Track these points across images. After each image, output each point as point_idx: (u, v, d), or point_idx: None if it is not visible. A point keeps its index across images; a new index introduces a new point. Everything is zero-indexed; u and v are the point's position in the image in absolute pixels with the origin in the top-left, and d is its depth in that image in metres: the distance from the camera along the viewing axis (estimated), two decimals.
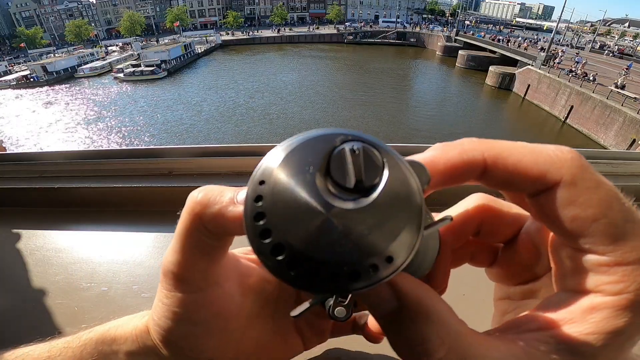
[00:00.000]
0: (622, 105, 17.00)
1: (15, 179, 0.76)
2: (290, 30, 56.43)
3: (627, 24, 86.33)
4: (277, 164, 0.18)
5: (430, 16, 72.92)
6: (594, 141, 17.98)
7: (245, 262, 0.30)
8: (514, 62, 28.16)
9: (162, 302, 0.25)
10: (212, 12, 68.46)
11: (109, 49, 47.17)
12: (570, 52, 33.77)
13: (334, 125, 20.26)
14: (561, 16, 30.87)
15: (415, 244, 0.18)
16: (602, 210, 0.18)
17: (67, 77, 33.93)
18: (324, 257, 0.17)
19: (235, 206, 0.21)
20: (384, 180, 0.18)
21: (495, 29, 57.25)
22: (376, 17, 69.92)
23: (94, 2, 65.19)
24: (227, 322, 0.27)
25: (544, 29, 70.79)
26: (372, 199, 0.18)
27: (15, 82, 31.90)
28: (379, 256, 0.17)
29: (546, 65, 24.32)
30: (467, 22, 57.94)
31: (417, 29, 51.27)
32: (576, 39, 50.87)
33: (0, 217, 0.74)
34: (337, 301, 0.22)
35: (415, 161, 0.20)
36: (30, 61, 40.09)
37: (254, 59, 39.66)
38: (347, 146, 0.18)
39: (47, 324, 0.52)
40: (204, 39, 48.37)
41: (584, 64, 25.20)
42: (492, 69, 27.61)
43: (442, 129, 20.17)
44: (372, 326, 0.35)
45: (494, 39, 36.19)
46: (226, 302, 0.27)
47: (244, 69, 35.05)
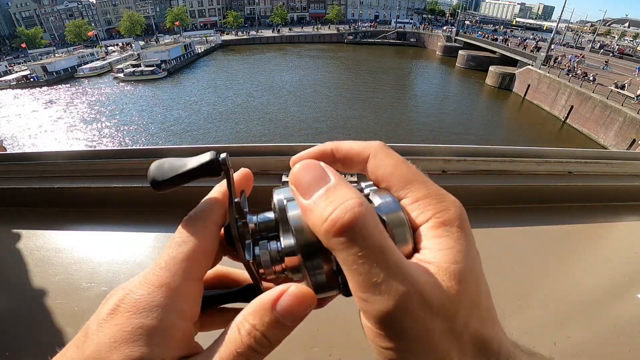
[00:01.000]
0: (622, 105, 17.00)
1: (15, 179, 0.76)
2: (290, 30, 56.42)
3: (627, 24, 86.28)
4: None
5: (430, 16, 72.89)
6: (594, 141, 17.97)
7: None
8: (514, 62, 28.16)
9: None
10: (212, 12, 68.42)
11: (109, 49, 47.18)
12: (566, 50, 33.91)
13: (334, 124, 20.26)
14: (561, 16, 30.84)
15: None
16: (392, 169, 0.28)
17: (67, 77, 33.91)
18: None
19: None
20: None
21: (499, 29, 57.29)
22: (376, 17, 69.90)
23: (94, 2, 65.18)
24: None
25: (544, 29, 70.73)
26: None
27: (15, 82, 31.88)
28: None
29: (546, 65, 24.32)
30: (467, 22, 57.91)
31: (422, 28, 51.25)
32: (576, 39, 50.86)
33: (0, 217, 0.74)
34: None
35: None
36: (30, 61, 40.08)
37: (254, 59, 39.67)
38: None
39: (47, 324, 0.52)
40: (204, 39, 48.37)
41: (577, 61, 25.28)
42: (492, 69, 27.60)
43: (442, 129, 20.17)
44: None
45: (494, 39, 36.20)
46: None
47: (243, 69, 35.06)
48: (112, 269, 0.61)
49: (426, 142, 0.90)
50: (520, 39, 39.37)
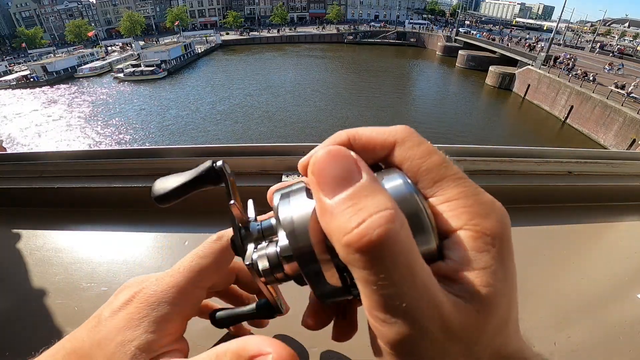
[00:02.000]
0: (622, 105, 17.00)
1: (15, 179, 0.76)
2: (292, 30, 56.42)
3: (627, 24, 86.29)
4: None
5: (430, 16, 72.88)
6: (594, 141, 17.97)
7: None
8: (514, 62, 28.16)
9: None
10: (212, 12, 68.42)
11: (109, 49, 47.17)
12: (564, 49, 34.00)
13: (333, 124, 20.26)
14: (561, 16, 30.84)
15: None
16: (421, 161, 0.23)
17: (67, 77, 33.91)
18: None
19: None
20: None
21: (494, 28, 57.37)
22: (376, 17, 69.90)
23: (94, 2, 65.18)
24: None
25: (544, 29, 70.74)
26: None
27: (15, 82, 31.88)
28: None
29: (546, 65, 24.32)
30: (467, 22, 57.91)
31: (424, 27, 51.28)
32: (576, 39, 50.86)
33: (0, 217, 0.74)
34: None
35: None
36: (30, 61, 40.09)
37: (254, 59, 39.67)
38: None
39: (47, 324, 0.52)
40: (204, 39, 48.38)
41: (572, 59, 25.32)
42: (492, 68, 27.60)
43: (442, 129, 20.16)
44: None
45: (492, 39, 36.23)
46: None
47: (243, 69, 35.06)
48: (112, 269, 0.61)
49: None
50: (516, 38, 39.57)
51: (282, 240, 0.24)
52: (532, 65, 24.83)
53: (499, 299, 0.20)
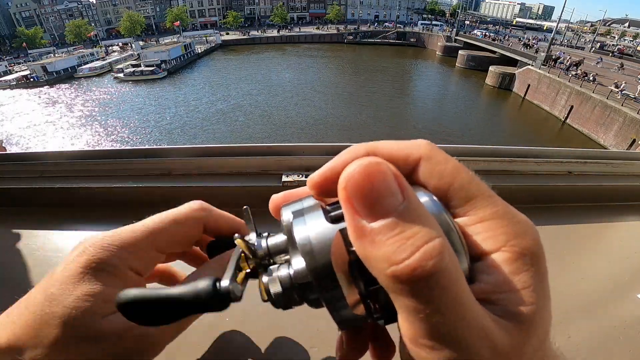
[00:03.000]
0: (622, 105, 17.00)
1: (15, 179, 0.76)
2: (289, 31, 56.44)
3: (627, 24, 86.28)
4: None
5: (430, 16, 72.88)
6: (594, 141, 17.97)
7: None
8: (514, 62, 28.16)
9: None
10: (212, 12, 68.41)
11: (109, 49, 47.17)
12: (561, 48, 34.12)
13: (332, 123, 20.26)
14: (561, 16, 30.84)
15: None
16: (451, 178, 0.22)
17: (67, 77, 33.91)
18: None
19: None
20: None
21: (491, 27, 57.48)
22: (376, 17, 69.89)
23: (94, 2, 65.18)
24: None
25: (544, 29, 70.72)
26: None
27: (15, 82, 31.89)
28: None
29: (546, 65, 24.33)
30: (467, 22, 57.94)
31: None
32: (576, 39, 50.87)
33: (0, 217, 0.74)
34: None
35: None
36: (30, 61, 40.08)
37: (254, 58, 39.66)
38: None
39: None
40: (204, 39, 48.37)
41: (578, 63, 25.30)
42: (492, 69, 27.60)
43: (442, 129, 20.16)
44: None
45: (494, 39, 36.28)
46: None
47: (243, 69, 35.06)
48: None
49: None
50: (515, 38, 39.76)
51: (298, 263, 0.23)
52: (532, 65, 24.84)
53: (540, 316, 0.20)
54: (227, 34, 54.02)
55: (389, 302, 0.20)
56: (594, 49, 39.92)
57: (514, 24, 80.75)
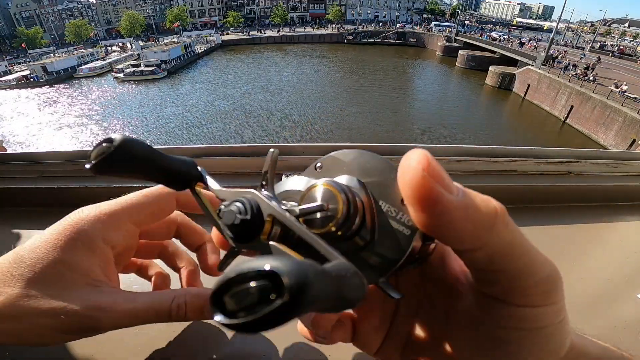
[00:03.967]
0: (622, 105, 17.01)
1: (15, 179, 0.76)
2: (291, 30, 56.43)
3: (627, 24, 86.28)
4: None
5: (430, 16, 72.88)
6: (594, 141, 17.97)
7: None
8: (514, 62, 28.16)
9: None
10: (212, 12, 68.42)
11: (109, 49, 47.16)
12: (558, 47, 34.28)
13: (331, 122, 20.27)
14: (561, 16, 30.84)
15: None
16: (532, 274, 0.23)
17: (67, 77, 33.90)
18: None
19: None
20: None
21: (487, 27, 57.63)
22: (376, 17, 69.88)
23: (94, 2, 65.18)
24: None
25: (544, 29, 70.71)
26: None
27: (15, 82, 31.89)
28: None
29: (546, 65, 24.32)
30: (467, 22, 57.93)
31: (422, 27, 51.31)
32: (576, 39, 50.85)
33: (0, 217, 0.74)
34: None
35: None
36: (30, 61, 40.08)
37: (254, 58, 39.66)
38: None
39: None
40: (204, 39, 48.36)
41: (592, 66, 25.21)
42: (492, 68, 27.60)
43: (442, 129, 20.16)
44: None
45: (494, 39, 36.33)
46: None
47: (243, 69, 35.05)
48: None
49: (426, 142, 0.90)
50: (515, 38, 40.04)
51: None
52: (532, 65, 24.83)
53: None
54: (227, 34, 54.02)
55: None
56: (592, 48, 39.88)
57: (514, 24, 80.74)
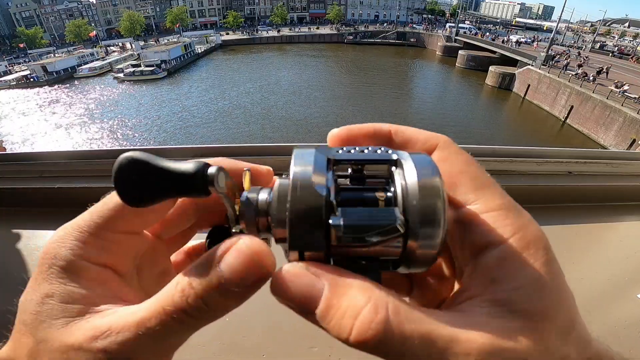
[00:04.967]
0: (622, 105, 17.01)
1: (15, 179, 0.76)
2: (291, 30, 56.45)
3: (627, 24, 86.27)
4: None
5: (430, 16, 72.88)
6: (594, 141, 17.98)
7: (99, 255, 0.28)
8: (514, 62, 28.16)
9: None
10: (212, 12, 68.42)
11: (109, 49, 47.17)
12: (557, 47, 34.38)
13: (330, 122, 20.23)
14: (561, 16, 30.84)
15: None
16: (464, 166, 0.24)
17: (67, 77, 33.92)
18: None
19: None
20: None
21: (478, 27, 57.73)
22: (376, 17, 69.87)
23: (94, 2, 65.18)
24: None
25: (544, 29, 70.71)
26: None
27: (15, 82, 31.91)
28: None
29: (546, 65, 24.32)
30: (467, 23, 57.93)
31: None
32: (576, 39, 50.87)
33: (0, 217, 0.74)
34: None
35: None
36: (30, 61, 40.08)
37: (254, 58, 39.69)
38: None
39: None
40: (204, 39, 48.38)
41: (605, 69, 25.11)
42: (492, 69, 27.61)
43: (442, 129, 20.11)
44: None
45: (493, 39, 36.37)
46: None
47: (243, 69, 35.08)
48: None
49: None
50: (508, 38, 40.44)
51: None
52: (532, 65, 24.83)
53: (555, 308, 0.20)
54: (227, 34, 54.02)
55: None
56: (592, 48, 39.91)
57: (514, 23, 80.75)
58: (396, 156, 0.24)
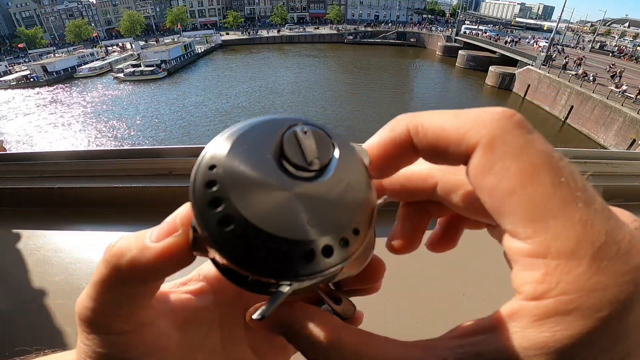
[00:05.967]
0: (622, 105, 17.02)
1: (15, 179, 0.76)
2: (291, 30, 56.47)
3: (627, 24, 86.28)
4: (226, 149, 0.18)
5: (430, 16, 72.87)
6: (594, 141, 17.98)
7: (178, 295, 0.26)
8: (514, 62, 28.17)
9: (83, 343, 0.23)
10: (212, 12, 68.43)
11: (109, 49, 47.18)
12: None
13: (335, 121, 20.28)
14: (561, 16, 30.85)
15: (374, 215, 0.18)
16: (520, 181, 0.15)
17: (67, 77, 33.91)
18: (293, 234, 0.15)
19: (148, 249, 0.20)
20: (337, 156, 0.18)
21: (482, 27, 57.89)
22: (376, 17, 69.88)
23: (94, 2, 65.18)
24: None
25: (544, 29, 70.70)
26: (330, 174, 0.17)
27: (15, 82, 31.90)
28: (348, 229, 0.16)
29: (546, 65, 24.32)
30: (467, 22, 57.92)
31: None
32: (576, 39, 50.87)
33: (0, 217, 0.74)
34: (301, 289, 0.19)
35: (355, 144, 0.20)
36: (30, 61, 40.08)
37: (254, 58, 39.69)
38: (298, 128, 0.18)
39: (47, 324, 0.52)
40: (204, 39, 48.39)
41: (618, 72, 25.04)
42: (492, 69, 27.60)
43: None
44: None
45: (496, 40, 36.38)
46: (159, 340, 0.23)
47: (243, 69, 35.09)
48: None
49: None
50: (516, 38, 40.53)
51: None
52: (532, 65, 24.84)
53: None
54: (227, 34, 54.03)
55: None
56: (592, 48, 39.93)
57: (514, 24, 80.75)
58: None
